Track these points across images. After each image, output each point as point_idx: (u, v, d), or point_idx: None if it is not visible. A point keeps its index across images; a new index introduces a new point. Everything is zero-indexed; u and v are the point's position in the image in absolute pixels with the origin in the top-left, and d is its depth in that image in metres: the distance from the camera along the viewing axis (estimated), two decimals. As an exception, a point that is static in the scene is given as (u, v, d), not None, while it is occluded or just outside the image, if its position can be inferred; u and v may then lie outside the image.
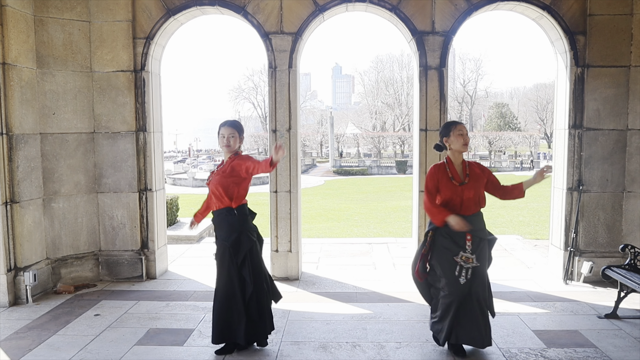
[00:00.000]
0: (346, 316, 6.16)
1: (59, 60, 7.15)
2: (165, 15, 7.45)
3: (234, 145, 5.06)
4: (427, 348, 5.18)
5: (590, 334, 5.56)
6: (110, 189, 7.56)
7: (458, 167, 4.97)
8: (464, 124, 5.10)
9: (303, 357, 5.06)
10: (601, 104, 7.23)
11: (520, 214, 17.17)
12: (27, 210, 6.79)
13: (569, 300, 6.68)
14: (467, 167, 4.96)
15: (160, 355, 5.10)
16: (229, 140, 5.04)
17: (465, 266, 4.74)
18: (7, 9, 6.41)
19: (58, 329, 5.79)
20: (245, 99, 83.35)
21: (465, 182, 4.86)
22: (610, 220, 7.37)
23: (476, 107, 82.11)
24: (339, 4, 7.41)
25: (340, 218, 17.43)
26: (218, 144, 5.12)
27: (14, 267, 6.61)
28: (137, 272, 7.60)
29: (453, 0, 7.34)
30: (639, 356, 5.02)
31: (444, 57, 7.42)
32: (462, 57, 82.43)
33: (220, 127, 5.13)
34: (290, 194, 7.54)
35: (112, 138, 7.50)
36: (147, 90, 7.52)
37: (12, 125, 6.53)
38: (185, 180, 39.49)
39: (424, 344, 5.28)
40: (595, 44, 7.18)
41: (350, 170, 48.36)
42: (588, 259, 7.33)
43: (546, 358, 4.98)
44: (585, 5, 7.19)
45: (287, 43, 7.44)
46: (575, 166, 7.34)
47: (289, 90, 7.48)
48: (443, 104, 7.43)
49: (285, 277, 7.63)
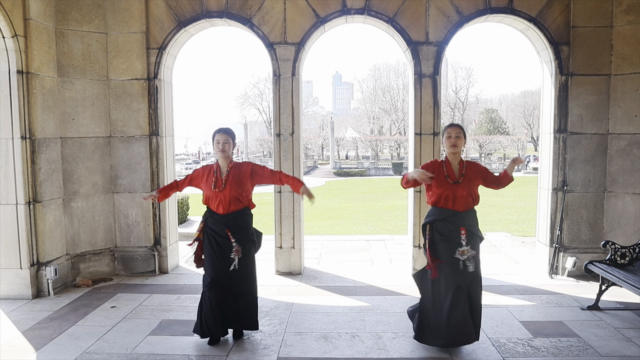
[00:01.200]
0: (346, 308, 6.18)
1: (78, 70, 7.18)
2: (177, 27, 7.48)
3: (229, 151, 5.10)
4: (422, 338, 5.19)
5: (574, 324, 5.58)
6: (125, 189, 7.59)
7: (455, 167, 4.95)
8: (457, 125, 5.01)
9: (305, 346, 5.08)
10: (584, 109, 7.25)
11: (509, 213, 17.16)
12: (48, 209, 6.82)
13: (554, 293, 6.69)
14: (464, 167, 4.93)
15: (172, 344, 5.12)
16: (224, 146, 5.07)
17: (463, 258, 4.75)
18: (31, 22, 6.45)
19: (77, 319, 5.82)
20: (251, 105, 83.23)
21: (459, 182, 4.86)
22: (593, 218, 7.39)
23: (467, 113, 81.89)
24: (338, 16, 7.43)
25: (340, 217, 17.43)
26: (213, 149, 5.15)
27: (36, 262, 6.64)
28: (150, 267, 7.62)
29: (446, 13, 7.36)
30: (619, 345, 5.04)
31: (437, 66, 7.44)
32: (454, 65, 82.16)
33: (215, 134, 5.14)
34: (293, 194, 7.54)
35: (127, 142, 7.52)
36: (159, 97, 7.55)
37: (34, 130, 6.56)
38: (195, 181, 39.47)
39: (419, 334, 5.29)
40: (578, 54, 7.20)
41: (349, 171, 48.21)
42: (572, 254, 7.35)
43: (533, 347, 5.00)
44: (568, 17, 7.21)
45: (290, 53, 7.47)
46: (559, 168, 7.36)
47: (292, 96, 7.50)
48: (436, 110, 7.45)
49: (289, 271, 7.65)
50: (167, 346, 5.08)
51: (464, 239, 4.78)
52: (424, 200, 7.38)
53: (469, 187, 4.87)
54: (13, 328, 5.57)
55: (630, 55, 7.03)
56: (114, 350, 4.99)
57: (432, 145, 7.39)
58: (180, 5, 7.44)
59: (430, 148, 7.39)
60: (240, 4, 7.41)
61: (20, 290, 6.53)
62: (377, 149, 63.14)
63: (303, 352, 4.95)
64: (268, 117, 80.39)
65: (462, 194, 4.84)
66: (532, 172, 42.33)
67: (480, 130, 78.22)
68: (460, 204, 4.86)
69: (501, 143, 61.62)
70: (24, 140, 6.44)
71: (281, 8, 7.40)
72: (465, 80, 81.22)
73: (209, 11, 7.44)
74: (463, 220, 4.85)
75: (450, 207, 4.86)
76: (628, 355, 4.81)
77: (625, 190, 7.19)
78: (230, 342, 5.16)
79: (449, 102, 76.54)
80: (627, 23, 7.02)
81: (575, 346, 5.01)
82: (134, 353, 4.92)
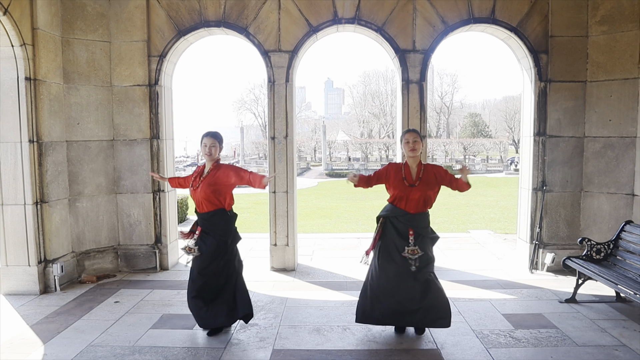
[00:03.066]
0: (337, 302, 6.20)
1: (82, 76, 7.17)
2: (177, 36, 7.48)
3: (215, 154, 5.09)
4: (410, 330, 5.22)
5: (553, 316, 5.63)
6: (127, 190, 7.58)
7: (413, 170, 4.96)
8: (413, 130, 5.06)
9: (299, 339, 5.10)
10: (562, 114, 7.32)
11: (492, 212, 17.23)
12: (54, 209, 6.81)
13: (534, 287, 6.74)
14: (422, 170, 4.93)
15: (173, 337, 5.13)
16: (210, 149, 5.06)
17: (413, 257, 4.78)
18: (39, 32, 6.44)
19: (83, 314, 5.81)
20: (247, 109, 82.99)
21: (415, 185, 4.86)
22: (570, 216, 7.45)
23: (452, 117, 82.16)
24: (330, 25, 7.46)
25: (332, 215, 17.45)
26: (200, 152, 5.14)
27: (43, 260, 6.63)
28: (151, 264, 7.62)
29: (431, 22, 7.40)
30: (594, 335, 5.09)
31: (424, 72, 7.48)
32: (440, 72, 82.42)
33: (203, 137, 5.13)
34: (287, 194, 7.57)
35: (129, 145, 7.52)
36: (160, 102, 7.55)
37: (41, 134, 6.55)
38: (193, 182, 39.37)
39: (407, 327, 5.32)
40: (556, 61, 7.26)
41: (340, 172, 48.09)
42: (551, 250, 7.41)
43: (514, 338, 5.04)
44: (547, 27, 7.27)
45: (284, 60, 7.49)
46: (539, 169, 7.42)
47: (286, 101, 7.52)
48: (423, 114, 7.49)
49: (283, 268, 7.66)
50: (168, 339, 5.08)
51: (411, 240, 4.81)
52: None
53: (423, 190, 4.85)
54: (22, 322, 5.56)
55: (605, 63, 7.10)
56: (117, 343, 5.00)
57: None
58: (180, 15, 7.45)
59: (417, 150, 7.41)
60: (237, 13, 7.43)
61: (29, 286, 6.52)
62: (366, 151, 63.30)
63: (297, 344, 4.97)
64: (263, 121, 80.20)
65: (415, 197, 4.84)
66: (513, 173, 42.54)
67: (464, 133, 78.48)
68: (412, 206, 4.87)
69: (484, 146, 61.89)
70: (32, 143, 6.43)
71: (275, 18, 7.42)
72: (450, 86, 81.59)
73: (207, 21, 7.45)
74: (412, 221, 4.86)
75: (402, 207, 4.89)
76: (603, 344, 4.87)
77: (600, 190, 7.26)
78: (230, 334, 5.18)
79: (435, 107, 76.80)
80: (601, 33, 7.10)
81: (553, 337, 5.06)
82: (137, 345, 4.93)
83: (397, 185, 4.90)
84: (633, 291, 5.13)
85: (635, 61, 6.86)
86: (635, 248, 5.87)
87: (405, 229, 4.84)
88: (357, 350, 4.81)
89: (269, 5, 7.40)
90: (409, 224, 4.84)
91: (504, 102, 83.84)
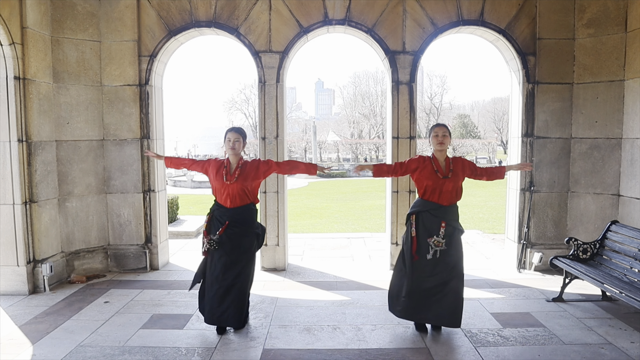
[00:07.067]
0: (327, 302, 6.20)
1: (72, 76, 7.12)
2: (167, 36, 7.45)
3: (239, 149, 5.12)
4: (399, 329, 5.24)
5: (540, 315, 5.66)
6: (117, 190, 7.53)
7: (442, 163, 5.04)
8: (443, 125, 5.14)
9: (290, 338, 5.09)
10: (549, 115, 7.36)
11: (481, 212, 17.31)
12: (44, 209, 6.75)
13: (522, 286, 6.78)
14: (451, 163, 5.02)
15: (163, 337, 5.10)
16: (234, 144, 5.08)
17: (434, 248, 4.83)
18: (28, 31, 6.39)
19: (72, 314, 5.77)
20: (238, 109, 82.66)
21: (448, 177, 4.94)
22: (557, 216, 7.50)
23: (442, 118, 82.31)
24: (320, 26, 7.46)
25: (322, 215, 17.43)
26: (224, 147, 5.14)
27: (32, 260, 6.57)
28: (141, 264, 7.58)
29: (421, 24, 7.42)
30: (581, 333, 5.12)
31: (414, 74, 7.50)
32: (430, 73, 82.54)
33: (227, 132, 5.17)
34: (277, 194, 7.56)
35: (120, 145, 7.47)
36: (150, 102, 7.51)
37: (31, 134, 6.50)
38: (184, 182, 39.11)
39: (396, 326, 5.33)
40: (543, 63, 7.31)
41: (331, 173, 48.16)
42: (538, 250, 7.46)
43: (502, 337, 5.07)
44: (535, 30, 7.32)
45: (275, 60, 7.47)
46: (527, 170, 7.45)
47: (277, 102, 7.51)
48: (412, 115, 7.51)
49: (274, 268, 7.65)
50: (158, 339, 5.06)
51: (442, 232, 4.86)
52: (402, 200, 7.48)
53: (455, 181, 4.96)
54: (10, 323, 5.50)
55: (591, 66, 7.16)
56: (107, 343, 4.96)
57: (408, 148, 7.45)
58: (170, 15, 7.41)
59: (407, 151, 7.44)
60: (228, 14, 7.41)
61: (17, 286, 6.46)
62: (357, 151, 63.37)
63: (287, 343, 4.96)
64: (254, 121, 79.88)
65: (448, 188, 4.93)
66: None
67: (453, 134, 78.65)
68: (445, 198, 4.95)
69: (473, 146, 62.34)
70: (21, 143, 6.37)
71: (266, 18, 7.41)
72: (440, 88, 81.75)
73: (198, 21, 7.42)
74: (445, 214, 4.93)
75: (435, 200, 4.94)
76: (589, 342, 4.90)
77: (587, 190, 7.32)
78: (227, 333, 5.17)
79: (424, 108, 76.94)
80: (588, 36, 7.15)
81: (541, 335, 5.09)
82: (127, 346, 4.89)
83: (430, 176, 4.95)
84: (618, 290, 5.18)
85: (621, 63, 6.93)
86: (620, 248, 5.92)
87: (438, 222, 4.88)
88: (347, 350, 4.81)
89: (259, 6, 7.38)
90: (442, 217, 4.90)
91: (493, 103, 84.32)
